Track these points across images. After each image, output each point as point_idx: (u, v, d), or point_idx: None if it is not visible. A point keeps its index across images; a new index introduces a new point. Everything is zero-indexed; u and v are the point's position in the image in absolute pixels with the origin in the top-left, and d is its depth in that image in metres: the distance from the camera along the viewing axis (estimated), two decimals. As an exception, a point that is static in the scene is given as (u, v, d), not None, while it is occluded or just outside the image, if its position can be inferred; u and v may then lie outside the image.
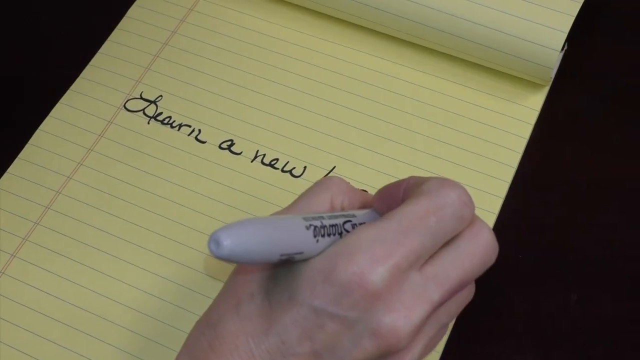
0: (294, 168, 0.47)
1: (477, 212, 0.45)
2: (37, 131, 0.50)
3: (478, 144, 0.47)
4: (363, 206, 0.38)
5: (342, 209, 0.37)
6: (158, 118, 0.50)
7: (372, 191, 0.46)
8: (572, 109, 0.49)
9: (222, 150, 0.48)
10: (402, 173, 0.47)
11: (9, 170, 0.49)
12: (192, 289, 0.45)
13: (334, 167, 0.47)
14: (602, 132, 0.48)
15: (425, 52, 0.50)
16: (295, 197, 0.46)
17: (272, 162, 0.48)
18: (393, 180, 0.46)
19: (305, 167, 0.47)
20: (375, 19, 0.49)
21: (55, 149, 0.50)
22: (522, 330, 0.43)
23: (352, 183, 0.47)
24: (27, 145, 0.50)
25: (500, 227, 0.45)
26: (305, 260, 0.33)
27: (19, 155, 0.49)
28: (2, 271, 0.46)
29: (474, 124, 0.48)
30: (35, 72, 0.53)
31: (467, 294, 0.35)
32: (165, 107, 0.50)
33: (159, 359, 0.43)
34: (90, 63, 0.52)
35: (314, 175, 0.47)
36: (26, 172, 0.49)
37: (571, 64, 0.49)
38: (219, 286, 0.44)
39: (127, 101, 0.51)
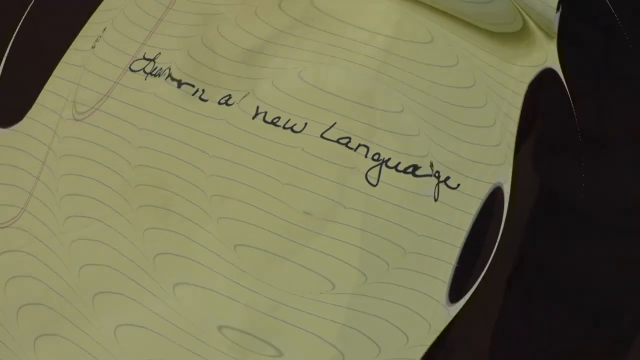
0: (295, 125, 0.48)
1: (475, 184, 0.45)
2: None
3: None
4: None
5: None
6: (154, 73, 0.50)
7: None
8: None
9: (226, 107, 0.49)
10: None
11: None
12: (180, 255, 0.45)
13: (335, 123, 0.47)
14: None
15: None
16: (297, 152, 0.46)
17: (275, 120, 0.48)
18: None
19: (306, 124, 0.48)
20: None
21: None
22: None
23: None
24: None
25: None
26: None
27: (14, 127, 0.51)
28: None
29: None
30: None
31: None
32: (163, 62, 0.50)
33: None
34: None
35: (314, 129, 0.47)
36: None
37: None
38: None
39: (133, 62, 0.51)
